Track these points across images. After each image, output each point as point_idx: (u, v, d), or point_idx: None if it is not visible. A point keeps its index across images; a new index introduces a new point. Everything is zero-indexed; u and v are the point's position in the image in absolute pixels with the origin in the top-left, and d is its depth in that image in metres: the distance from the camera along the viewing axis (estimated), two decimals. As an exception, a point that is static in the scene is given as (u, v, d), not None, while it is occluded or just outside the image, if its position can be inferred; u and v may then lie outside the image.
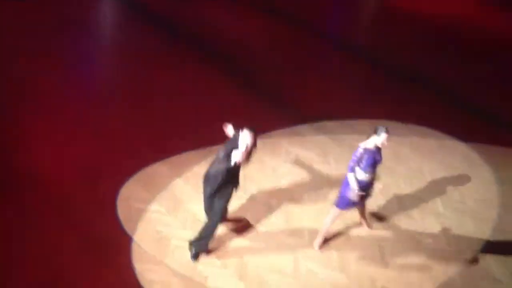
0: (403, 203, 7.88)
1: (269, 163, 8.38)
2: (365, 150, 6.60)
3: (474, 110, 10.57)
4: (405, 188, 8.18)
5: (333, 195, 7.30)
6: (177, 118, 9.24)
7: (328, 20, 14.69)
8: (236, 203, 7.52)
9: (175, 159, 8.24)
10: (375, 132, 6.61)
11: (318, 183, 8.09)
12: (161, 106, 9.54)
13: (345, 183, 6.73)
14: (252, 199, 7.68)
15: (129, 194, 7.48)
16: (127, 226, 6.97)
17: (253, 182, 7.95)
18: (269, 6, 14.24)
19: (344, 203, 6.84)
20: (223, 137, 6.68)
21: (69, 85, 9.84)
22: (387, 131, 6.59)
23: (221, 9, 13.64)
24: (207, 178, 6.51)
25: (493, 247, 7.32)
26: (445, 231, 7.49)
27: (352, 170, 6.61)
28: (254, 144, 6.29)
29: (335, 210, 6.93)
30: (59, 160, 7.97)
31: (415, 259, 7.02)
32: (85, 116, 9.01)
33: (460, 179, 8.52)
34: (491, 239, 7.45)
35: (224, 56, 11.42)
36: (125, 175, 7.76)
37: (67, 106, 9.19)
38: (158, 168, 8.01)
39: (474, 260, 7.08)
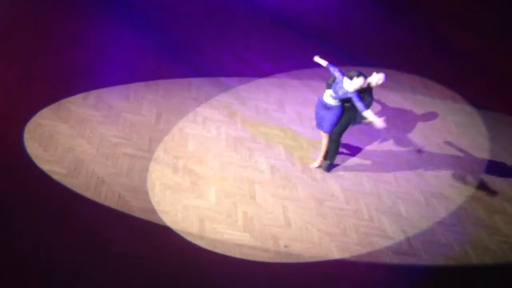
0: (306, 165, 8.14)
1: (176, 123, 8.29)
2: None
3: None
4: (309, 150, 8.42)
5: (239, 157, 7.37)
6: (74, 66, 8.90)
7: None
8: (141, 164, 7.42)
9: (72, 114, 7.92)
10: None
11: (225, 145, 8.14)
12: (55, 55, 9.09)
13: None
14: (158, 160, 7.59)
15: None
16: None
17: (159, 143, 7.85)
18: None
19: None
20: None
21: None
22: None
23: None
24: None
25: (387, 207, 7.79)
26: (344, 191, 7.85)
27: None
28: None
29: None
30: None
31: (316, 219, 7.33)
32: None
33: (361, 139, 8.86)
34: (386, 199, 7.92)
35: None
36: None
37: None
38: (54, 125, 7.67)
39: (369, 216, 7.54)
